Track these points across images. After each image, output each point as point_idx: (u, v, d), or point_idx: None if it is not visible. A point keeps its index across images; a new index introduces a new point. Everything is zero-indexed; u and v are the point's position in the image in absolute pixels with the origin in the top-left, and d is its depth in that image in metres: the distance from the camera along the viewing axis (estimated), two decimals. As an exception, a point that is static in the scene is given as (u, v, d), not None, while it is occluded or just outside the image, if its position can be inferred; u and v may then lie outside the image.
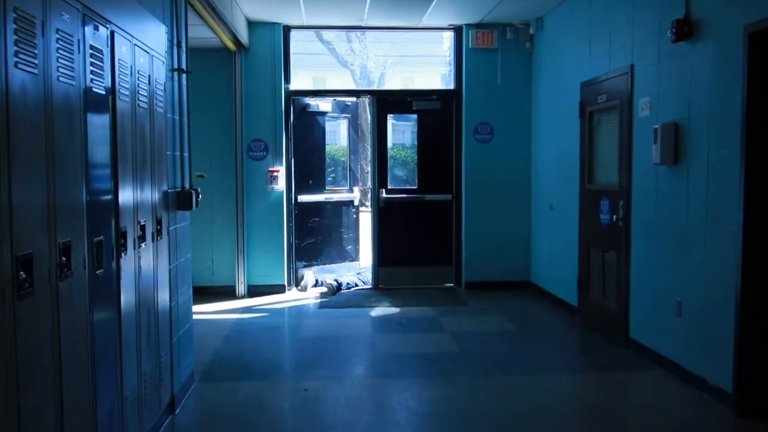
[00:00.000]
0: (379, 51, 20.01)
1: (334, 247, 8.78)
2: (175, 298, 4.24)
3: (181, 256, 4.43)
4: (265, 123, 7.92)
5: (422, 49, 19.10)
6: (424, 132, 8.45)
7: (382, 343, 5.88)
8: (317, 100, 8.48)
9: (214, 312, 7.10)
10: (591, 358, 5.48)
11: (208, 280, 7.99)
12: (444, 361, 5.31)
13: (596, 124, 6.30)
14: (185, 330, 4.54)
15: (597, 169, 6.29)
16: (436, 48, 18.11)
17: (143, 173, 3.54)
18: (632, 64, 5.48)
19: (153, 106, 3.72)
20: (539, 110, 7.90)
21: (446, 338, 6.02)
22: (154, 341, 3.76)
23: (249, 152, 7.91)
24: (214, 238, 7.97)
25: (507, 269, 8.24)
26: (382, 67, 20.58)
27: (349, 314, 7.04)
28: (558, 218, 7.29)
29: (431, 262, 8.42)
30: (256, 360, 5.36)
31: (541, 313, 7.07)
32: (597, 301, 6.21)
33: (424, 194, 8.40)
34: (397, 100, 8.40)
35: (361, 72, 20.18)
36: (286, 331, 6.38)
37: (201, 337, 5.98)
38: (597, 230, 6.15)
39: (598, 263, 6.18)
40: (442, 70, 18.42)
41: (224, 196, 7.88)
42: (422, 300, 7.64)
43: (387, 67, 20.68)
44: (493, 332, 6.24)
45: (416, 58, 20.41)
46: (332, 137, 10.56)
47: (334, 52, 19.89)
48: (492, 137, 8.15)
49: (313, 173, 8.55)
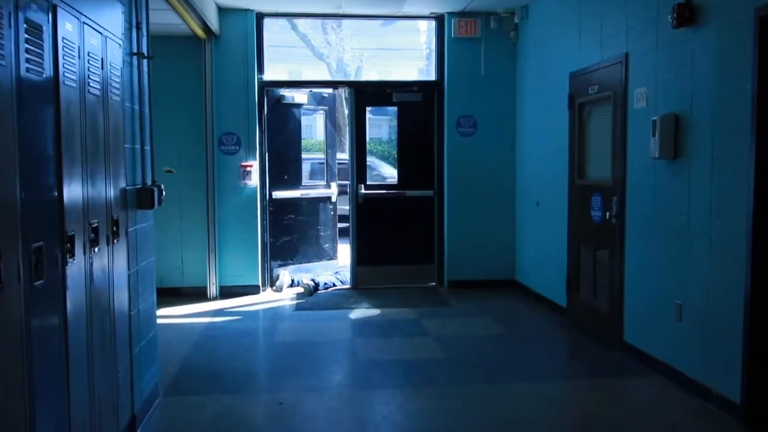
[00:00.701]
0: (355, 44, 19.66)
1: (310, 246, 8.40)
2: (135, 306, 3.84)
3: (143, 260, 4.04)
4: (237, 115, 7.51)
5: (400, 42, 18.78)
6: (404, 125, 8.10)
7: (362, 349, 5.53)
8: (292, 92, 8.08)
9: (184, 315, 6.69)
10: (583, 363, 5.19)
11: (177, 280, 7.57)
12: (428, 369, 4.98)
13: (587, 117, 6.01)
14: (148, 340, 4.15)
15: (588, 163, 6.00)
16: (413, 41, 17.80)
17: (95, 168, 3.14)
18: (626, 53, 5.18)
19: (107, 93, 3.32)
20: (524, 102, 7.60)
21: (430, 343, 5.69)
22: (110, 356, 3.37)
23: (220, 146, 7.49)
24: (184, 236, 7.55)
25: (491, 268, 7.94)
26: (359, 60, 20.21)
27: (327, 317, 6.68)
28: (545, 215, 7.00)
29: (412, 261, 8.10)
30: (227, 369, 4.98)
31: (527, 313, 6.78)
32: (587, 301, 5.93)
33: (404, 190, 8.05)
34: (376, 91, 8.03)
35: (338, 65, 19.77)
36: (260, 335, 6.00)
37: (168, 343, 5.59)
38: (588, 227, 5.86)
39: (588, 262, 5.90)
40: (419, 63, 18.11)
41: (194, 192, 7.46)
42: (403, 301, 7.31)
43: (364, 60, 20.31)
44: (478, 336, 5.93)
45: (393, 52, 20.07)
46: (308, 131, 10.17)
47: (310, 45, 19.44)
48: (475, 130, 7.83)
49: (289, 168, 8.16)
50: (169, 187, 7.67)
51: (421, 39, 17.52)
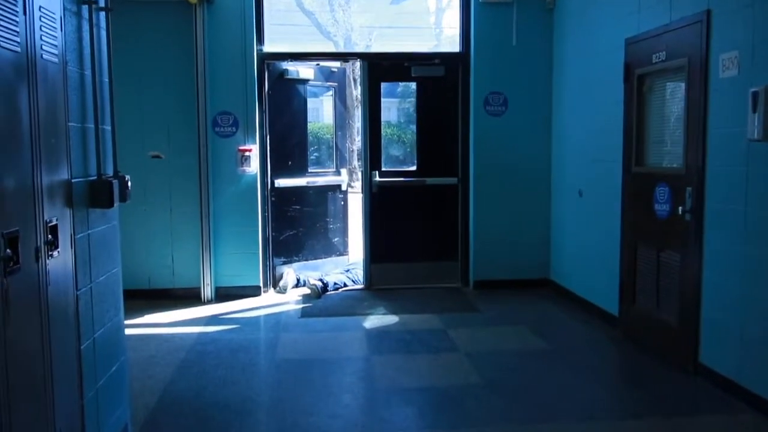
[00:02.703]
0: (364, 21, 18.69)
1: (318, 240, 7.47)
2: (89, 335, 2.92)
3: (101, 273, 3.12)
4: (234, 92, 6.57)
5: (409, 21, 17.78)
6: (424, 103, 7.12)
7: (381, 371, 4.60)
8: (297, 66, 7.11)
9: (172, 324, 5.79)
10: (651, 392, 4.24)
11: (167, 281, 6.67)
12: (464, 400, 4.05)
13: (648, 91, 5.02)
14: (111, 374, 3.24)
15: (649, 147, 5.02)
16: (423, 20, 16.79)
17: (14, 155, 2.21)
18: (708, 10, 4.18)
19: (34, 51, 2.38)
20: (564, 76, 6.60)
21: (461, 362, 4.76)
22: (44, 411, 2.46)
23: (215, 128, 6.55)
24: (174, 231, 6.63)
25: (522, 266, 7.00)
26: (368, 39, 19.24)
27: (338, 325, 5.77)
28: (589, 206, 6.04)
29: (433, 258, 7.16)
30: (217, 400, 4.07)
31: (568, 321, 5.83)
32: (647, 312, 4.98)
33: (424, 177, 7.10)
34: (392, 65, 7.04)
35: (345, 44, 18.84)
36: (259, 351, 5.08)
37: (150, 363, 4.70)
38: (649, 224, 4.90)
39: (649, 265, 4.94)
40: (429, 44, 17.15)
41: (185, 181, 6.54)
42: (424, 304, 6.39)
43: (372, 39, 19.35)
44: (516, 351, 4.99)
45: (403, 30, 19.06)
46: (315, 110, 9.20)
47: (316, 23, 18.48)
48: (505, 109, 6.85)
49: (293, 153, 7.22)
50: (156, 175, 6.80)
51: (431, 19, 16.52)
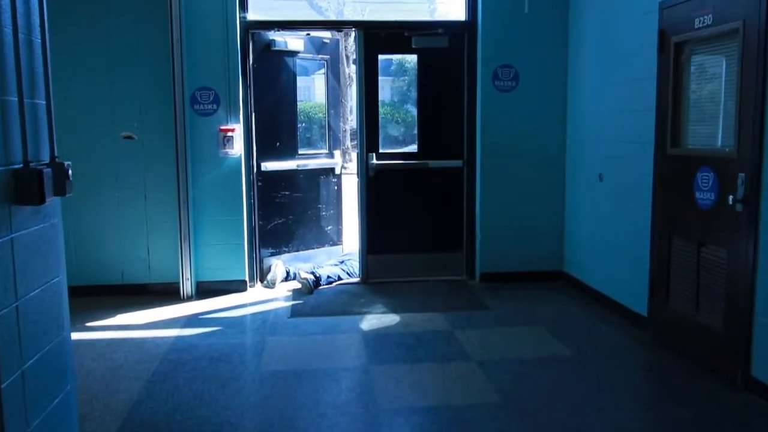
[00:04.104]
0: (356, -5, 17.93)
1: (309, 229, 6.83)
2: (13, 369, 2.28)
3: (35, 285, 2.46)
4: (214, 65, 5.88)
5: (406, -5, 17.04)
6: (426, 78, 6.45)
7: (382, 385, 3.99)
8: (285, 36, 6.42)
9: (146, 326, 5.16)
10: (698, 412, 3.63)
11: (142, 275, 6.03)
12: (481, 425, 3.45)
13: (688, 61, 4.38)
14: (52, 410, 2.60)
15: (688, 126, 4.39)
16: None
17: None
18: (770, -38, 3.54)
19: None
20: (582, 47, 5.94)
21: (474, 373, 4.16)
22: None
23: (193, 105, 5.87)
24: (150, 220, 5.98)
25: (533, 256, 6.40)
26: (361, 14, 18.50)
27: (332, 326, 5.15)
28: (611, 192, 5.42)
29: (436, 248, 6.55)
30: (190, 428, 3.45)
31: (588, 321, 5.23)
32: (684, 313, 4.38)
33: (426, 160, 6.45)
34: (390, 35, 6.35)
35: (338, 17, 18.09)
36: (242, 360, 4.46)
37: (114, 377, 4.08)
38: (688, 214, 4.29)
39: (688, 260, 4.33)
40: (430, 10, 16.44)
41: (161, 165, 5.88)
42: (427, 300, 5.78)
43: (366, 14, 18.62)
44: (536, 360, 4.39)
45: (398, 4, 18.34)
46: (306, 88, 8.51)
47: (307, -5, 17.70)
48: (516, 84, 6.20)
49: (282, 133, 6.55)
50: (128, 158, 6.04)
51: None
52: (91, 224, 5.93)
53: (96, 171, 5.85)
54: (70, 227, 5.90)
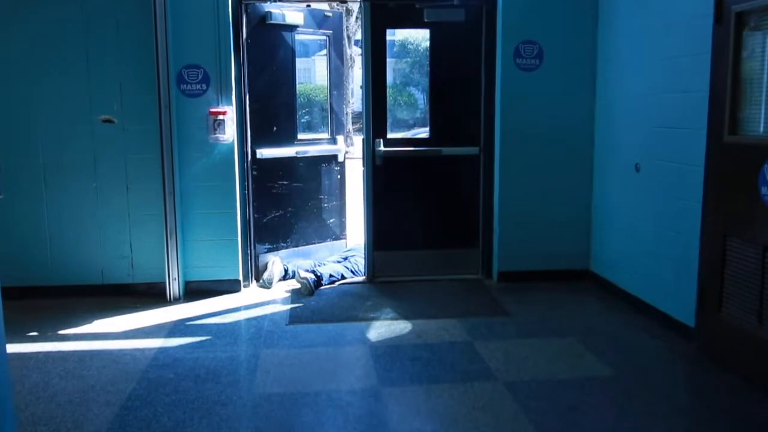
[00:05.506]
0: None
1: (310, 222, 6.23)
2: None
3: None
4: (203, 41, 5.26)
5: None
6: (440, 56, 5.82)
7: (396, 416, 3.40)
8: (282, 8, 5.78)
9: (126, 334, 4.58)
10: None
11: (125, 275, 5.46)
12: (517, 469, 2.87)
13: (752, 36, 3.74)
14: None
15: (752, 110, 3.77)
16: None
17: None
18: None
19: None
20: (615, 20, 5.30)
21: (502, 397, 3.57)
22: None
23: (180, 85, 5.25)
24: (132, 214, 5.39)
25: (557, 254, 5.81)
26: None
27: (335, 336, 4.57)
28: (650, 184, 4.81)
29: (449, 244, 5.96)
30: (167, 469, 2.88)
31: (628, 331, 4.63)
32: (742, 325, 3.79)
33: (439, 146, 5.84)
34: (399, 7, 5.71)
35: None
36: (232, 380, 3.86)
37: (83, 402, 3.51)
38: (750, 213, 3.68)
39: (748, 266, 3.73)
40: None
41: (144, 152, 5.28)
42: (441, 304, 5.20)
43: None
44: (574, 381, 3.79)
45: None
46: (307, 70, 7.87)
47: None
48: (540, 63, 5.57)
49: (279, 116, 5.93)
50: (108, 144, 5.39)
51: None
52: (67, 219, 5.34)
53: (72, 160, 5.26)
54: (44, 222, 5.33)
